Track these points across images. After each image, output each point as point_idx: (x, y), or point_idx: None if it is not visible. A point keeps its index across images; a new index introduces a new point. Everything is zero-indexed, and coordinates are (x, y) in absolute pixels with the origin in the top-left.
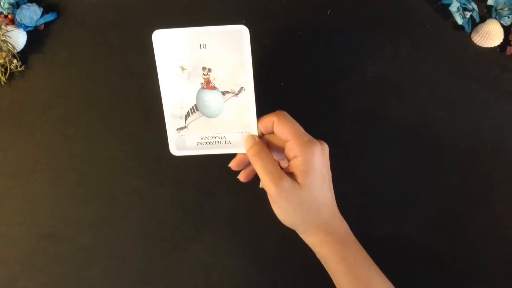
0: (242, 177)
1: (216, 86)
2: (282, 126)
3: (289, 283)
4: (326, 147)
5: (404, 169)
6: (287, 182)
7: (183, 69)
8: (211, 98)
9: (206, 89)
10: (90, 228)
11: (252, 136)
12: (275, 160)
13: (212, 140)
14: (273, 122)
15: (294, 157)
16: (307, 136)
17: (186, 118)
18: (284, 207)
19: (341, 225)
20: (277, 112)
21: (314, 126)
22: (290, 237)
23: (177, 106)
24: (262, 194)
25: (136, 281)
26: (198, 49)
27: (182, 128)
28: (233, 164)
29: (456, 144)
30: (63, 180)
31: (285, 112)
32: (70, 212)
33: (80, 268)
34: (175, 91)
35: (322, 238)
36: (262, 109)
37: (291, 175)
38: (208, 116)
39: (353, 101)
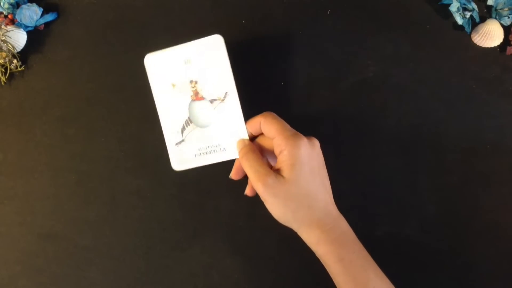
0: (233, 174)
1: (204, 96)
2: (268, 125)
3: (289, 283)
4: (315, 142)
5: (404, 169)
6: (271, 178)
7: (173, 85)
8: (201, 109)
9: (196, 101)
10: (90, 228)
11: (243, 140)
12: (266, 160)
13: (208, 149)
14: (260, 123)
15: (280, 152)
16: (292, 131)
17: (182, 132)
18: (273, 203)
19: (338, 224)
20: (264, 113)
21: (314, 126)
22: (290, 237)
23: (174, 122)
24: None
25: (136, 281)
26: (183, 64)
27: (180, 142)
28: (232, 174)
29: (456, 144)
30: (63, 180)
31: (273, 113)
32: (70, 212)
33: (80, 268)
34: (169, 108)
35: (318, 236)
36: (262, 110)
37: (278, 171)
38: (201, 126)
39: (353, 101)
